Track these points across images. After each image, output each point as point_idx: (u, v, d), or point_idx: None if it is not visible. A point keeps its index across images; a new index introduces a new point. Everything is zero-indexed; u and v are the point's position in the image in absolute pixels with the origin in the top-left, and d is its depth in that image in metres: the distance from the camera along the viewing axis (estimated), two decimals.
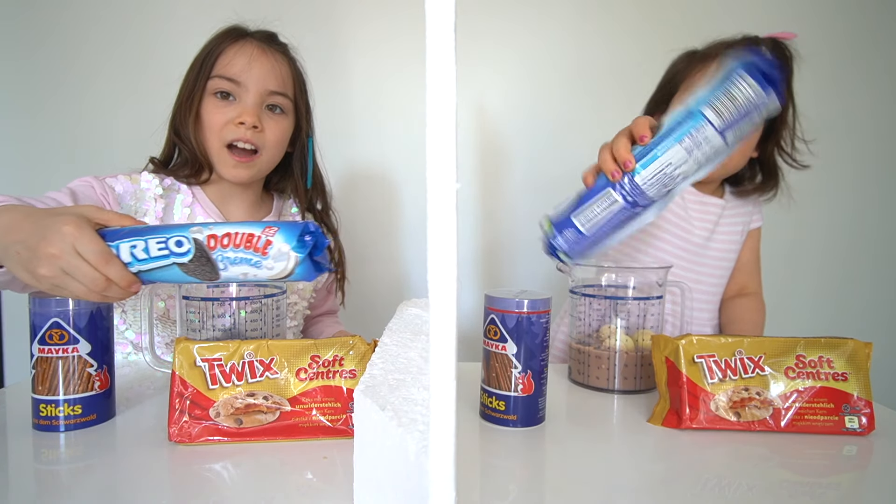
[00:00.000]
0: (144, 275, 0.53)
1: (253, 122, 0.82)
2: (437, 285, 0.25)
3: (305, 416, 0.55)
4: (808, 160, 0.97)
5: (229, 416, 0.54)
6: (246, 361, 0.54)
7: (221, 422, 0.53)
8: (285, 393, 0.55)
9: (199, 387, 0.54)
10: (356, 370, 0.56)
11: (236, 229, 0.51)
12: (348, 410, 0.55)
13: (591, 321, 0.75)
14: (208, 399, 0.54)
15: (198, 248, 0.50)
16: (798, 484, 0.49)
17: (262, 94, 0.84)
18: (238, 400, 0.54)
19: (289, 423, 0.54)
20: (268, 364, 0.55)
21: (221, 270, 0.51)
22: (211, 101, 0.84)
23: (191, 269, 0.51)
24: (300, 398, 0.55)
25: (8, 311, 1.47)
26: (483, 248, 1.54)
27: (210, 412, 0.53)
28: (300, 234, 0.50)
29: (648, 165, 0.61)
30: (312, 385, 0.55)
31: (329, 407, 0.55)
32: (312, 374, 0.56)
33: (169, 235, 0.51)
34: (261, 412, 0.54)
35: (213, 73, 0.83)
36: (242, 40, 0.85)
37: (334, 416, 0.55)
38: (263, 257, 0.50)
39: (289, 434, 0.54)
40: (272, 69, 0.85)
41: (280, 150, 0.89)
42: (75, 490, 0.45)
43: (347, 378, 0.56)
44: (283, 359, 0.55)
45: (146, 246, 0.51)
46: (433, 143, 0.25)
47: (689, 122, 0.59)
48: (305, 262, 0.50)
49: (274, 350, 0.55)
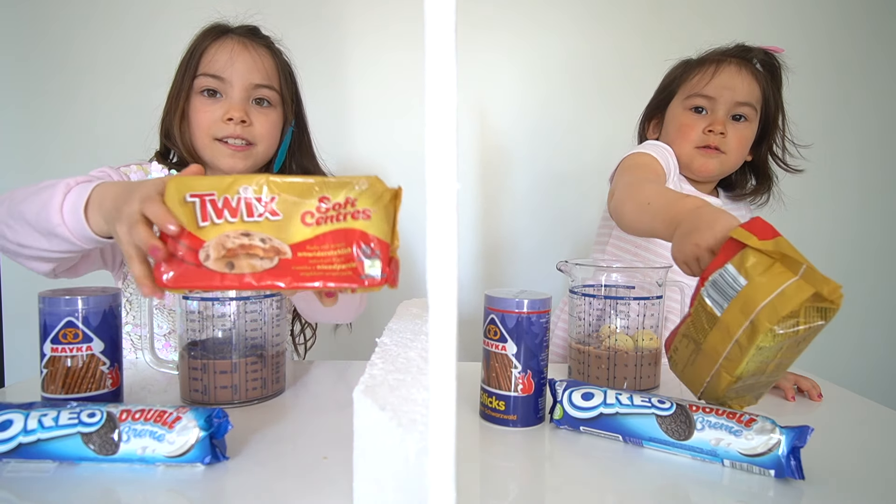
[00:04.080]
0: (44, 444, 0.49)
1: (241, 117, 0.83)
2: (437, 285, 0.25)
3: (308, 264, 0.47)
4: (801, 164, 1.00)
5: (220, 258, 0.46)
6: (242, 197, 0.47)
7: (210, 265, 0.46)
8: (287, 237, 0.47)
9: (189, 225, 0.46)
10: (370, 210, 0.47)
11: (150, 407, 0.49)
12: (358, 256, 0.47)
13: (591, 321, 0.75)
14: (198, 239, 0.46)
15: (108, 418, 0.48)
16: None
17: (247, 89, 0.85)
18: (230, 239, 0.46)
19: (289, 270, 0.46)
20: (267, 203, 0.47)
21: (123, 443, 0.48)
22: (198, 99, 0.85)
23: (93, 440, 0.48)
24: (306, 245, 0.47)
25: (8, 310, 1.47)
26: (483, 248, 1.54)
27: (199, 254, 0.46)
28: (209, 415, 0.49)
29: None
30: (321, 230, 0.47)
31: (338, 255, 0.47)
32: (321, 218, 0.47)
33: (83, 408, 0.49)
34: (256, 256, 0.46)
35: (197, 72, 0.84)
36: (224, 37, 0.86)
37: (344, 265, 0.47)
38: (169, 430, 0.48)
39: (287, 279, 0.46)
40: (255, 63, 0.85)
41: (273, 142, 0.89)
42: (78, 491, 0.46)
43: (362, 219, 0.47)
44: (287, 197, 0.47)
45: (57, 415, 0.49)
46: (433, 143, 0.25)
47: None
48: (205, 442, 0.48)
49: (275, 188, 0.47)
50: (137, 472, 0.48)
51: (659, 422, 0.54)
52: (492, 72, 1.49)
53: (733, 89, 0.91)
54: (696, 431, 0.52)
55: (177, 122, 0.85)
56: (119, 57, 1.43)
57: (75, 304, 0.57)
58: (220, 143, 0.84)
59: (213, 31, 0.87)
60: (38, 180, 0.65)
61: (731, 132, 0.92)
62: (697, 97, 0.93)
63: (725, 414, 0.52)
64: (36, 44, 1.43)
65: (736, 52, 0.95)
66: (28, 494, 0.45)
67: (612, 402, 0.57)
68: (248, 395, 0.64)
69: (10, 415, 0.49)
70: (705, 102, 0.93)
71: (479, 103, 1.50)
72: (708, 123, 0.92)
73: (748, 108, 0.93)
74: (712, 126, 0.91)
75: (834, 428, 0.63)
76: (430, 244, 0.25)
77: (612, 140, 1.12)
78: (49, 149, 1.45)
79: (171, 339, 0.85)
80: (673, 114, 0.98)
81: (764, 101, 0.95)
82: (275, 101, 0.88)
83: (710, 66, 0.94)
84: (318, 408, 0.65)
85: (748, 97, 0.92)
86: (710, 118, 0.93)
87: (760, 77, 0.94)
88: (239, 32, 0.88)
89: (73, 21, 1.43)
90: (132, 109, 1.41)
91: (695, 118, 0.94)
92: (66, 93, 1.44)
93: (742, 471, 0.51)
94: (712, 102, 0.92)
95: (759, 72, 0.95)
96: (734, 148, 0.93)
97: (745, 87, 0.92)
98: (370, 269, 0.46)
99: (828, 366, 1.52)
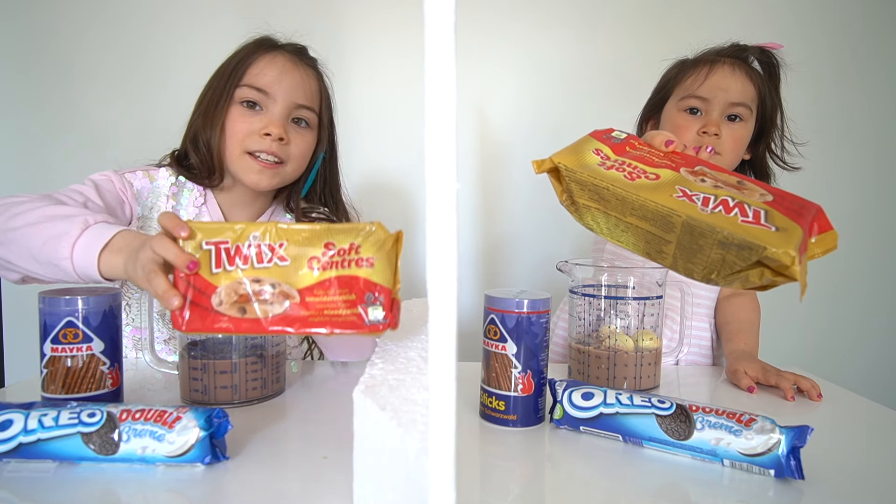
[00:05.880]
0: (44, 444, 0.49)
1: (279, 134, 0.81)
2: (437, 285, 0.25)
3: (315, 308, 0.50)
4: (798, 162, 1.00)
5: (232, 304, 0.49)
6: (252, 244, 0.50)
7: (224, 310, 0.49)
8: (295, 282, 0.50)
9: (202, 271, 0.50)
10: (374, 258, 0.50)
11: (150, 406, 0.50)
12: (362, 303, 0.49)
13: (591, 321, 0.75)
14: (210, 285, 0.50)
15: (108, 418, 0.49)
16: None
17: (289, 107, 0.83)
18: (242, 286, 0.50)
19: (298, 315, 0.49)
20: (276, 249, 0.50)
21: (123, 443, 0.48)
22: (237, 109, 0.83)
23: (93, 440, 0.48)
24: (313, 289, 0.50)
25: (8, 311, 1.47)
26: (483, 248, 1.54)
27: (212, 300, 0.49)
28: (209, 415, 0.49)
29: None
30: (327, 275, 0.50)
31: (343, 300, 0.50)
32: (326, 262, 0.50)
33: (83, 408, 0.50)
34: (266, 301, 0.50)
35: (241, 82, 0.83)
36: (274, 51, 0.85)
37: (349, 310, 0.49)
38: (169, 430, 0.48)
39: (297, 325, 0.49)
40: (302, 83, 0.85)
41: (303, 164, 0.88)
42: (78, 491, 0.46)
43: (366, 267, 0.50)
44: (294, 245, 0.50)
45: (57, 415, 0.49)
46: (433, 143, 0.25)
47: None
48: (205, 442, 0.48)
49: (283, 235, 0.50)
50: (137, 472, 0.48)
51: (659, 422, 0.54)
52: (492, 72, 1.49)
53: (727, 90, 0.92)
54: (695, 431, 0.52)
55: (212, 129, 0.83)
56: (120, 61, 1.43)
57: (75, 304, 0.57)
58: (251, 157, 0.82)
59: (264, 43, 0.86)
60: (36, 182, 0.65)
61: (725, 133, 0.92)
62: (691, 98, 0.94)
63: (725, 414, 0.52)
64: (37, 46, 1.43)
65: (731, 51, 0.95)
66: (28, 494, 0.45)
67: (612, 402, 0.57)
68: (248, 395, 0.64)
69: (10, 415, 0.49)
70: (699, 103, 0.93)
71: (479, 103, 1.50)
72: (702, 125, 0.92)
73: (743, 108, 0.93)
74: (706, 127, 0.91)
75: (834, 428, 0.63)
76: (430, 244, 0.25)
77: None
78: (49, 151, 1.45)
79: (171, 345, 0.84)
80: (668, 115, 0.98)
81: (760, 100, 0.95)
82: (313, 124, 0.87)
83: (704, 67, 0.94)
84: (318, 408, 0.65)
85: (742, 97, 0.92)
86: (704, 119, 0.93)
87: (755, 76, 0.94)
88: (289, 49, 0.87)
89: (76, 24, 1.42)
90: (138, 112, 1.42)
91: (689, 119, 0.94)
92: (67, 95, 1.44)
93: (742, 471, 0.51)
94: (706, 103, 0.92)
95: (755, 71, 0.95)
96: (729, 149, 0.93)
97: (738, 87, 0.92)
98: (373, 315, 0.50)
99: (827, 366, 1.53)
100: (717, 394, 0.76)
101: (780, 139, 0.99)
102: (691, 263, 0.53)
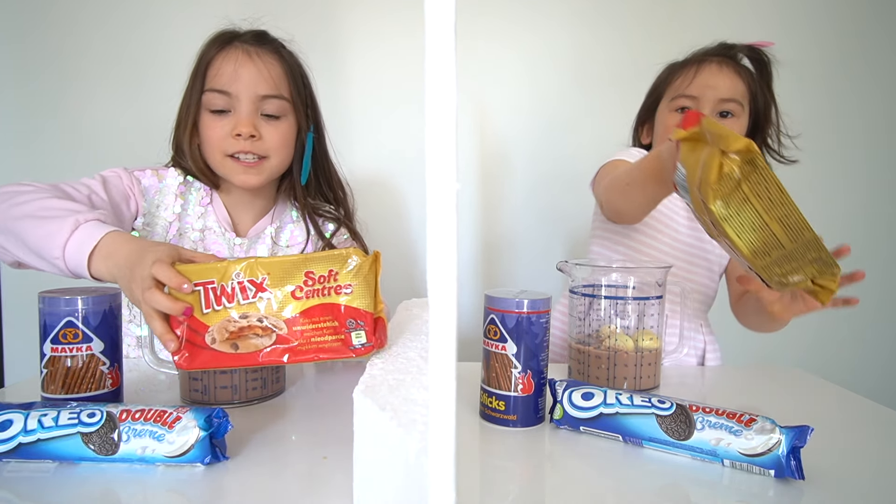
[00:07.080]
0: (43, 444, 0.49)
1: (249, 132, 0.81)
2: (437, 285, 0.25)
3: (303, 337, 0.52)
4: (795, 155, 1.00)
5: (224, 341, 0.52)
6: (236, 283, 0.52)
7: (217, 347, 0.52)
8: (280, 314, 0.52)
9: (196, 313, 0.52)
10: (352, 284, 0.52)
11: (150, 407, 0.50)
12: (345, 329, 0.52)
13: (591, 321, 0.75)
14: (203, 324, 0.52)
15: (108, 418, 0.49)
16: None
17: (254, 101, 0.82)
18: (231, 323, 0.52)
19: (288, 346, 0.52)
20: (259, 284, 0.52)
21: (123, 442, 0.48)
22: (206, 116, 0.83)
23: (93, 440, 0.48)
24: (298, 319, 0.52)
25: (8, 311, 1.47)
26: (483, 248, 1.54)
27: (206, 338, 0.52)
28: (209, 415, 0.49)
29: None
30: (309, 304, 0.52)
31: (327, 327, 0.52)
32: (308, 291, 0.52)
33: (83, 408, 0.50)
34: (256, 336, 0.52)
35: (205, 87, 0.83)
36: (228, 46, 0.84)
37: (333, 336, 0.52)
38: (169, 430, 0.48)
39: (287, 355, 0.52)
40: (260, 73, 0.83)
41: (287, 153, 0.88)
42: (78, 491, 0.46)
43: (345, 294, 0.52)
44: (276, 278, 0.53)
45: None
46: (433, 143, 0.24)
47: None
48: (205, 442, 0.48)
49: (265, 268, 0.53)
50: (137, 472, 0.48)
51: (659, 422, 0.54)
52: (492, 72, 1.49)
53: (715, 87, 0.93)
54: (696, 431, 0.52)
55: (187, 139, 0.84)
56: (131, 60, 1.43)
57: (75, 304, 0.57)
58: (232, 159, 0.83)
59: (219, 39, 0.85)
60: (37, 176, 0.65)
61: None
62: (681, 98, 0.95)
63: (726, 414, 0.52)
64: (37, 42, 1.43)
65: (718, 50, 0.97)
66: (28, 494, 0.45)
67: (612, 402, 0.57)
68: (248, 395, 0.64)
69: (10, 415, 0.49)
70: (689, 102, 0.94)
71: (479, 103, 1.50)
72: None
73: (734, 104, 0.93)
74: None
75: (834, 428, 0.63)
76: (430, 244, 0.25)
77: (612, 140, 1.13)
78: (49, 151, 1.45)
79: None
80: (661, 117, 1.00)
81: (751, 96, 0.96)
82: (285, 111, 0.86)
83: (692, 67, 0.96)
84: (318, 408, 0.65)
85: (732, 93, 0.93)
86: None
87: (744, 72, 0.96)
88: (245, 40, 0.85)
89: (77, 18, 1.42)
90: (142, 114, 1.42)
91: (680, 118, 0.95)
92: (66, 93, 1.44)
93: (742, 471, 0.51)
94: (696, 102, 0.94)
95: (744, 67, 0.96)
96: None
97: (727, 83, 0.93)
98: (356, 340, 0.52)
99: (827, 365, 1.53)
100: (717, 394, 0.76)
101: (776, 134, 1.00)
102: (778, 267, 0.56)
